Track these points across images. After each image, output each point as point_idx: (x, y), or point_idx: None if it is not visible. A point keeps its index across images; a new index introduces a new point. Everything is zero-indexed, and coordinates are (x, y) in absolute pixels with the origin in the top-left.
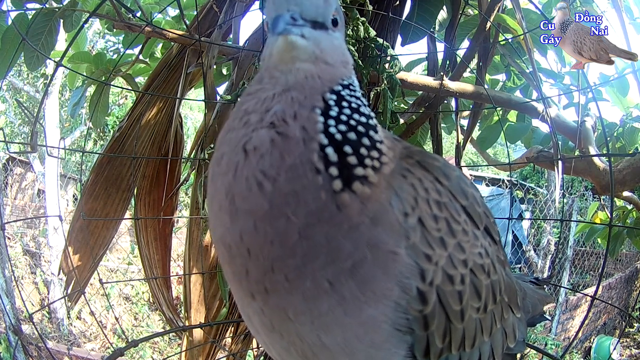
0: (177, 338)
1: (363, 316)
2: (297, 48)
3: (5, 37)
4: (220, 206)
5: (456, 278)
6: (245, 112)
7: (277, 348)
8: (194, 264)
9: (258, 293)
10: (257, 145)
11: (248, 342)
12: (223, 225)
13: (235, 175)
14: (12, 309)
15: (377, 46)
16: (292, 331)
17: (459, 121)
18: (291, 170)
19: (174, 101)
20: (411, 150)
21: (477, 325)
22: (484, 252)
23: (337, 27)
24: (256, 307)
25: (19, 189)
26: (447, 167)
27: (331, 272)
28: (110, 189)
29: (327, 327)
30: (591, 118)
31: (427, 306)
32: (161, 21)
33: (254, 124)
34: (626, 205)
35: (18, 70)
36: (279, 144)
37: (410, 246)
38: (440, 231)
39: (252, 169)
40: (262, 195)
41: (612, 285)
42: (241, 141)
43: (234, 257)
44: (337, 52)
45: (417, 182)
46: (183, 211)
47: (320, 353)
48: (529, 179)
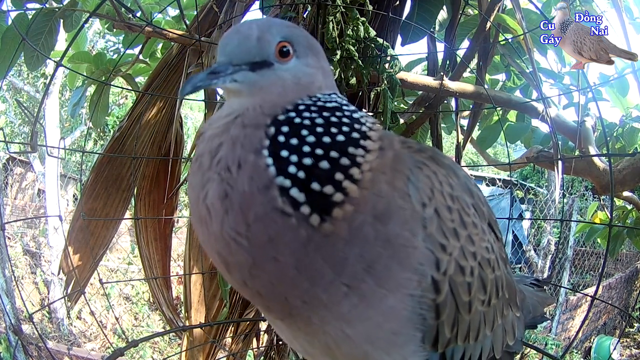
0: (177, 338)
1: (383, 306)
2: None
3: (5, 37)
4: (213, 259)
5: (467, 269)
6: (198, 153)
7: (301, 341)
8: (194, 264)
9: (284, 317)
10: (213, 202)
11: (248, 342)
12: (224, 274)
13: (208, 231)
14: (12, 309)
15: (377, 46)
16: (317, 329)
17: (459, 121)
18: (258, 222)
19: (174, 101)
20: (423, 147)
21: (482, 318)
22: (490, 247)
23: (288, 57)
24: (285, 322)
25: (19, 189)
26: (456, 166)
27: (345, 278)
28: (110, 189)
29: (349, 322)
30: (591, 118)
31: (440, 295)
32: (161, 21)
33: (205, 170)
34: (626, 205)
35: (18, 70)
36: (233, 198)
37: (428, 235)
38: (454, 222)
39: (220, 228)
40: (241, 249)
41: (612, 285)
42: (200, 193)
43: (252, 297)
44: (285, 82)
45: (433, 175)
46: (183, 211)
47: (343, 343)
48: (529, 179)
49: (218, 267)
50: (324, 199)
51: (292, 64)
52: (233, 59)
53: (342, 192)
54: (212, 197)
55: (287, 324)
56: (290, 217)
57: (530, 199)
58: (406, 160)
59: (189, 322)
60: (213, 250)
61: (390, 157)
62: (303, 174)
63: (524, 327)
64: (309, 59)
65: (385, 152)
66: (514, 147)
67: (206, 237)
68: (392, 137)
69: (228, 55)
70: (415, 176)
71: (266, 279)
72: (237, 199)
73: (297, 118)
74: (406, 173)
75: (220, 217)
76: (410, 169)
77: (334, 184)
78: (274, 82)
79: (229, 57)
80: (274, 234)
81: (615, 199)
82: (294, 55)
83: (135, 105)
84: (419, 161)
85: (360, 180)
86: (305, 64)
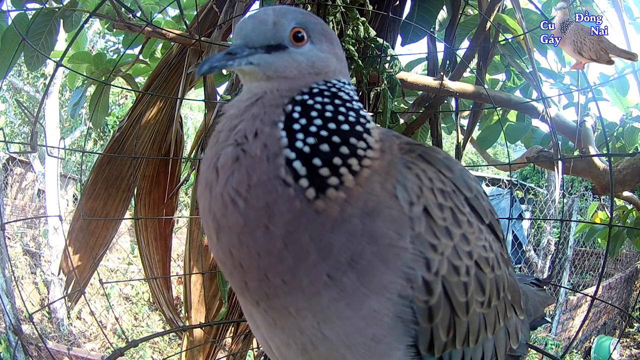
0: (177, 338)
1: (364, 309)
2: (248, 73)
3: (5, 37)
4: (207, 224)
5: (461, 269)
6: (217, 130)
7: (277, 342)
8: (194, 264)
9: (260, 300)
10: (223, 164)
11: (248, 342)
12: (213, 242)
13: (211, 194)
14: (12, 309)
15: (377, 46)
16: (293, 325)
17: (459, 121)
18: (260, 186)
19: (174, 101)
20: (413, 145)
21: (481, 321)
22: (488, 246)
23: (302, 42)
24: (260, 310)
25: (19, 189)
26: (450, 160)
27: (327, 267)
28: (110, 189)
29: (328, 320)
30: (591, 118)
31: (432, 297)
32: (161, 21)
33: (222, 142)
34: (626, 205)
35: (18, 70)
36: (243, 161)
37: (416, 236)
38: (446, 220)
39: (223, 188)
40: (237, 211)
41: (612, 285)
42: (212, 160)
43: (231, 272)
44: (300, 65)
45: (422, 173)
46: (183, 211)
47: (320, 345)
48: (529, 179)
49: (209, 234)
50: (321, 177)
51: (306, 48)
52: (249, 41)
53: (337, 176)
54: (224, 159)
55: (262, 316)
56: (289, 187)
57: (530, 199)
58: (398, 164)
59: (189, 322)
60: (209, 215)
61: (387, 160)
62: (308, 149)
63: (528, 330)
64: (323, 45)
65: (385, 156)
66: (514, 147)
67: (207, 202)
68: (392, 141)
69: (244, 38)
70: (403, 176)
71: (253, 247)
72: (247, 161)
73: (310, 100)
74: (396, 176)
75: (226, 177)
76: (400, 171)
77: (331, 167)
78: (289, 64)
79: (244, 39)
80: (272, 200)
81: (615, 199)
82: (308, 41)
83: (135, 105)
84: (408, 161)
85: (358, 174)
86: (320, 49)
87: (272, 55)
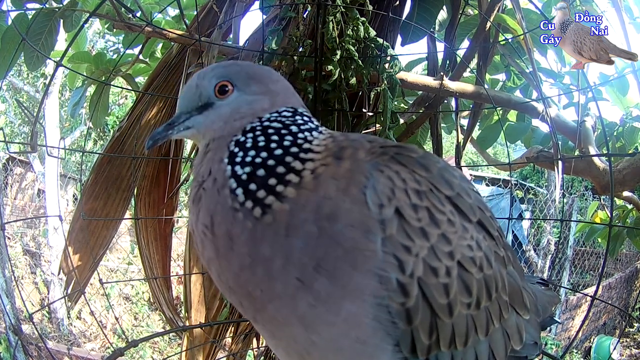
0: (177, 338)
1: (343, 312)
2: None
3: (5, 37)
4: (201, 258)
5: (440, 270)
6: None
7: (280, 352)
8: (194, 264)
9: (256, 314)
10: (193, 202)
11: (248, 342)
12: (210, 273)
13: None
14: (12, 309)
15: (377, 46)
16: (287, 335)
17: (459, 121)
18: (217, 215)
19: (174, 101)
20: (387, 147)
21: (470, 322)
22: (474, 245)
23: (227, 94)
24: (259, 325)
25: (19, 189)
26: (427, 159)
27: (294, 269)
28: (110, 189)
29: (314, 327)
30: (591, 118)
31: (409, 299)
32: (161, 21)
33: (193, 186)
34: (626, 205)
35: (18, 70)
36: (203, 198)
37: (387, 238)
38: (421, 221)
39: (195, 224)
40: (209, 242)
41: (612, 285)
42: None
43: (229, 296)
44: (224, 115)
45: (394, 174)
46: (183, 211)
47: (313, 351)
48: (529, 179)
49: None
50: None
51: (232, 97)
52: (184, 108)
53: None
54: (193, 198)
55: (262, 330)
56: (238, 212)
57: (530, 199)
58: (365, 168)
59: (189, 322)
60: (198, 249)
61: (346, 167)
62: (246, 176)
63: (537, 330)
64: (252, 87)
65: (342, 163)
66: (514, 147)
67: (195, 238)
68: (358, 147)
69: (180, 107)
70: (374, 179)
71: (231, 269)
72: (206, 197)
73: (242, 137)
74: (362, 180)
75: (197, 213)
76: (367, 175)
77: (267, 188)
78: (216, 117)
79: (181, 108)
80: (230, 226)
81: (615, 199)
82: (234, 90)
83: (135, 105)
84: (379, 164)
85: (300, 183)
86: (247, 93)
87: (202, 114)
